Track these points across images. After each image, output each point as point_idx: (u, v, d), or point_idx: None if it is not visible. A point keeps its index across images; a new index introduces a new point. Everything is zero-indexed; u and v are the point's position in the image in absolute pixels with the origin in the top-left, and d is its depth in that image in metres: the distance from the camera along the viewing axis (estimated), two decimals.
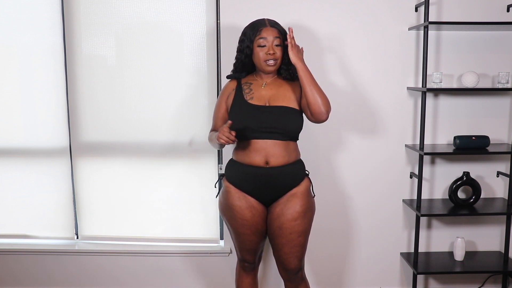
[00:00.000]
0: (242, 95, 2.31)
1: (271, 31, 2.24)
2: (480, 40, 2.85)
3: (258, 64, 2.29)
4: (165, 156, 3.02)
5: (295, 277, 2.39)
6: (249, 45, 2.26)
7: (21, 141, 3.05)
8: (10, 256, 3.10)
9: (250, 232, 2.33)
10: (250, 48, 2.27)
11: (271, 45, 2.23)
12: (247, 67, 2.35)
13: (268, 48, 2.23)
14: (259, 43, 2.24)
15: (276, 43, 2.25)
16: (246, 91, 2.32)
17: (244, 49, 2.28)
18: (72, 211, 3.12)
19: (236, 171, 2.32)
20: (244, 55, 2.29)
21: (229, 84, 2.41)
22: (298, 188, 2.30)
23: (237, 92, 2.34)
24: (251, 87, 2.33)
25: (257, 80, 2.35)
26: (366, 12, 2.83)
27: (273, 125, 2.22)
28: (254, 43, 2.25)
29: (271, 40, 2.23)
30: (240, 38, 2.32)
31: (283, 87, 2.31)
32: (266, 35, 2.23)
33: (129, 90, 2.96)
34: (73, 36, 2.91)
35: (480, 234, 3.06)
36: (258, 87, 2.32)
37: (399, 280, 3.10)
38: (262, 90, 2.31)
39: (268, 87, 2.31)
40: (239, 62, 2.35)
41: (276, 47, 2.25)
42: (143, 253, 3.07)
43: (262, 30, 2.24)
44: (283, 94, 2.29)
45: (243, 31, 2.31)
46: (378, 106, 2.91)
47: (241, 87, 2.34)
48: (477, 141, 2.77)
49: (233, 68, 2.41)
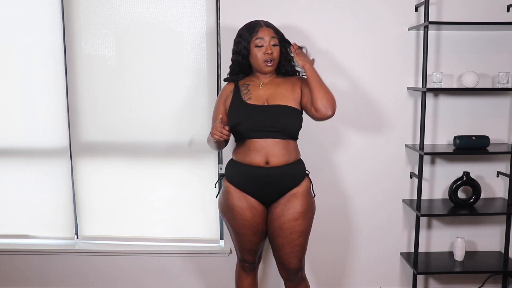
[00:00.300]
0: (240, 96, 2.31)
1: (268, 31, 2.27)
2: (480, 40, 2.85)
3: (256, 65, 2.30)
4: (165, 156, 3.02)
5: (295, 277, 2.39)
6: (246, 46, 2.28)
7: (21, 141, 3.05)
8: (10, 256, 3.10)
9: (250, 232, 2.33)
10: (247, 49, 2.28)
11: (268, 45, 2.26)
12: (244, 68, 2.37)
13: (266, 48, 2.25)
14: (257, 43, 2.26)
15: (273, 43, 2.27)
16: (244, 92, 2.32)
17: (241, 50, 2.30)
18: (72, 211, 3.12)
19: (237, 171, 2.32)
20: (241, 56, 2.31)
21: (227, 86, 2.42)
22: (298, 188, 2.30)
23: (235, 93, 2.34)
24: (248, 87, 2.34)
25: (254, 81, 2.36)
26: (366, 12, 2.83)
27: (273, 124, 2.22)
28: (251, 44, 2.27)
29: (268, 40, 2.26)
30: (235, 40, 2.34)
31: (281, 87, 2.32)
32: (263, 35, 2.25)
33: (129, 90, 2.97)
34: (73, 36, 2.91)
35: (480, 234, 3.06)
36: (256, 87, 2.33)
37: (399, 280, 3.10)
38: (260, 90, 2.32)
39: (266, 87, 2.32)
40: (235, 64, 2.37)
41: (273, 47, 2.27)
42: (143, 253, 3.07)
43: (258, 31, 2.26)
44: (281, 93, 2.29)
45: (238, 33, 2.33)
46: (378, 106, 2.91)
47: (239, 88, 2.35)
48: (477, 141, 2.77)
49: (230, 70, 2.43)
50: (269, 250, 2.89)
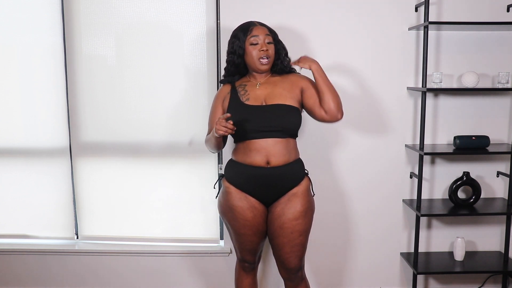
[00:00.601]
0: (238, 97, 2.31)
1: (262, 29, 2.30)
2: (480, 40, 2.85)
3: (251, 64, 2.31)
4: (165, 156, 3.02)
5: (295, 276, 2.39)
6: (241, 45, 2.29)
7: (21, 141, 3.05)
8: (10, 256, 3.10)
9: (251, 232, 2.33)
10: (243, 48, 2.29)
11: (263, 42, 2.28)
12: (240, 69, 2.37)
13: (261, 45, 2.27)
14: (251, 41, 2.27)
15: (268, 41, 2.29)
16: (241, 93, 2.32)
17: (236, 50, 2.31)
18: (72, 211, 3.12)
19: (237, 171, 2.32)
20: (237, 55, 2.31)
21: (223, 88, 2.42)
22: (298, 188, 2.30)
23: (232, 95, 2.34)
24: (246, 88, 2.34)
25: (251, 81, 2.36)
26: (366, 12, 2.83)
27: (272, 124, 2.22)
28: (246, 43, 2.28)
29: (263, 38, 2.28)
30: (230, 41, 2.35)
31: (278, 85, 2.32)
32: (257, 33, 2.28)
33: (129, 90, 2.97)
34: (73, 36, 2.92)
35: (480, 234, 3.06)
36: (253, 88, 2.33)
37: (399, 280, 3.10)
38: (257, 90, 2.32)
39: (263, 87, 2.33)
40: (231, 64, 2.37)
41: (268, 44, 2.29)
42: (143, 253, 3.07)
43: (253, 29, 2.29)
44: (278, 92, 2.29)
45: (233, 34, 2.35)
46: (378, 106, 2.91)
47: (235, 89, 2.35)
48: (477, 141, 2.77)
49: (225, 72, 2.43)
50: (269, 250, 2.89)
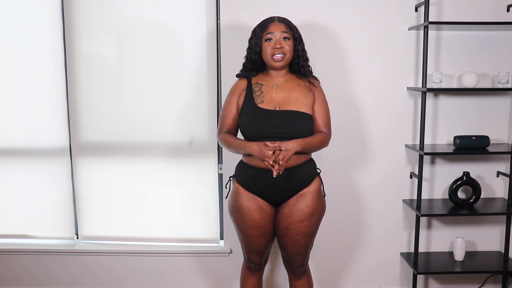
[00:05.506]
0: (253, 97, 2.28)
1: (279, 26, 2.25)
2: (480, 40, 2.85)
3: (266, 60, 2.28)
4: (165, 156, 3.01)
5: (297, 270, 2.43)
6: (258, 42, 2.26)
7: (21, 141, 3.05)
8: (10, 256, 3.10)
9: (258, 234, 2.32)
10: (259, 45, 2.26)
11: (278, 39, 2.23)
12: (257, 66, 2.34)
13: (275, 42, 2.23)
14: (266, 37, 2.24)
15: (284, 37, 2.24)
16: (257, 93, 2.29)
17: (253, 46, 2.28)
18: (72, 211, 3.12)
19: (246, 173, 2.30)
20: (253, 52, 2.29)
21: (239, 83, 2.38)
22: (308, 188, 2.29)
23: (247, 93, 2.31)
24: (262, 88, 2.30)
25: (268, 81, 2.32)
26: (366, 12, 2.83)
27: (282, 130, 2.19)
28: (262, 39, 2.25)
29: (279, 35, 2.23)
30: (250, 37, 2.32)
31: (295, 90, 2.28)
32: (273, 30, 2.24)
33: (129, 90, 2.97)
34: (73, 36, 2.91)
35: (480, 234, 3.06)
36: (269, 89, 2.29)
37: (399, 280, 3.10)
38: (273, 93, 2.28)
39: (279, 89, 2.29)
40: (248, 61, 2.34)
41: (284, 41, 2.24)
42: (143, 253, 3.07)
43: (269, 26, 2.25)
44: (294, 97, 2.26)
45: (253, 29, 2.32)
46: (378, 106, 2.91)
47: (251, 87, 2.31)
48: (477, 141, 2.77)
49: (242, 67, 2.39)
50: (276, 251, 2.89)
